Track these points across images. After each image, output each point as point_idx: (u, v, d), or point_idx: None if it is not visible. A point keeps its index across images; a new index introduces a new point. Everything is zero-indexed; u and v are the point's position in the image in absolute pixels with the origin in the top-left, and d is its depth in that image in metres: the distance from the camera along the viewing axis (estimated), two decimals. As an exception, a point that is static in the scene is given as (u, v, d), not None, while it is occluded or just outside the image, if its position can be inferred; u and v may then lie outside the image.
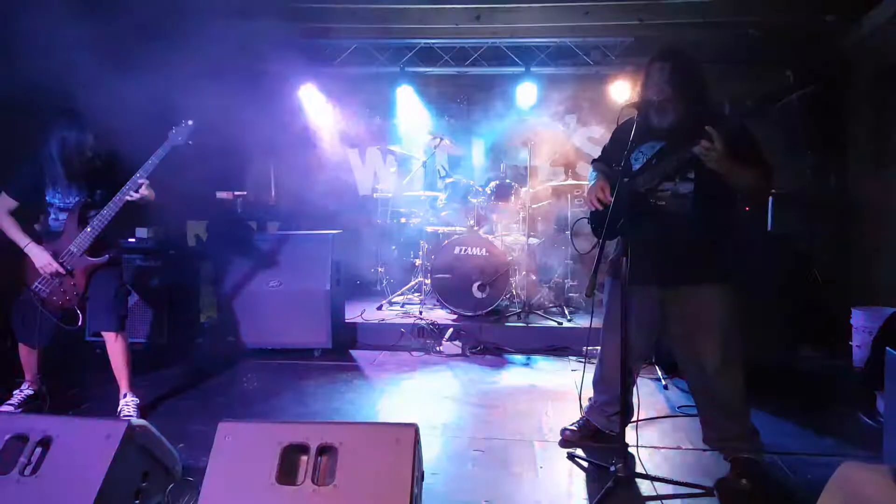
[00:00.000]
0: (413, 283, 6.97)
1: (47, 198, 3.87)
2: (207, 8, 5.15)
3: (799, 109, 6.08)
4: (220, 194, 7.54)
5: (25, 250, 3.79)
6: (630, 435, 3.10)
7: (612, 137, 3.50)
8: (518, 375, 5.07)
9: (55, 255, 3.78)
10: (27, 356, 3.98)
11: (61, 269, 3.77)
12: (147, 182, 3.78)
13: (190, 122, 3.91)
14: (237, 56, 6.22)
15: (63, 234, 3.85)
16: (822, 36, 6.38)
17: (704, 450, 3.36)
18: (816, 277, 5.30)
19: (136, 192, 3.75)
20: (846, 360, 5.15)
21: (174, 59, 5.69)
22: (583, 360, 5.08)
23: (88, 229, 3.80)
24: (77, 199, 3.88)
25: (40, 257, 3.76)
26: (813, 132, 6.58)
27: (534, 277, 6.68)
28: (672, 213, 3.08)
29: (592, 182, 3.33)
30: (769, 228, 5.77)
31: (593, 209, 3.29)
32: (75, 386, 4.51)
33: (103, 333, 3.96)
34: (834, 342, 5.31)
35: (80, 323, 3.86)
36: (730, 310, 3.07)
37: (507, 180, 6.68)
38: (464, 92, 8.11)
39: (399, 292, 6.96)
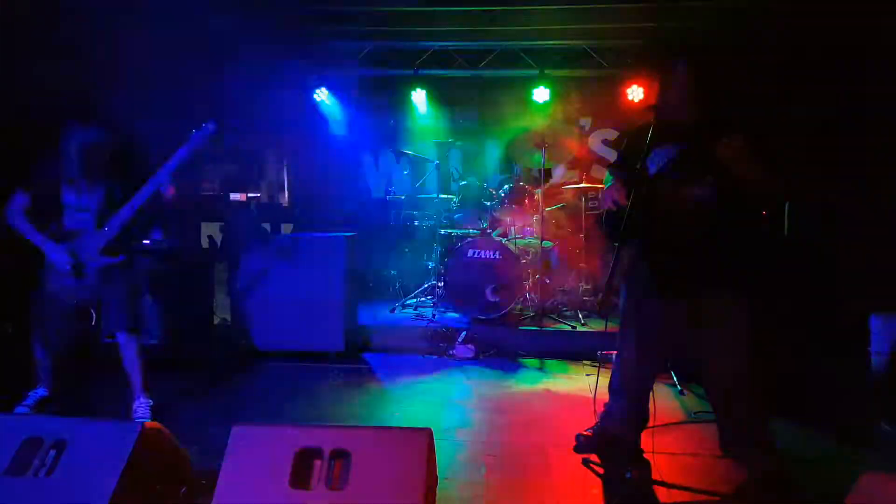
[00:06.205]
0: (426, 286, 6.95)
1: (63, 197, 3.88)
2: (220, 11, 5.17)
3: (815, 115, 6.02)
4: (234, 196, 7.57)
5: (43, 249, 3.80)
6: (646, 441, 3.07)
7: (628, 140, 3.47)
8: (532, 380, 5.03)
9: (72, 255, 3.79)
10: (42, 357, 3.98)
11: (78, 269, 3.78)
12: (167, 181, 3.80)
13: (211, 126, 3.89)
14: (251, 59, 6.25)
15: (80, 234, 3.85)
16: (840, 38, 6.31)
17: (721, 457, 3.30)
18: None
19: (157, 193, 3.76)
20: (865, 367, 5.07)
21: (191, 62, 5.72)
22: (597, 364, 5.06)
23: (106, 229, 3.81)
24: (94, 198, 3.89)
25: (58, 257, 3.77)
26: (831, 136, 6.50)
27: (548, 281, 6.64)
28: (690, 217, 3.04)
29: (608, 184, 3.29)
30: (786, 234, 5.70)
31: (608, 210, 3.25)
32: (89, 388, 4.52)
33: (117, 335, 3.96)
34: (853, 348, 5.23)
35: (93, 322, 3.87)
36: (748, 316, 3.03)
37: (521, 183, 6.65)
38: (478, 94, 8.09)
39: (412, 295, 6.94)
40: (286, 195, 8.70)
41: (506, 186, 6.61)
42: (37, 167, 3.89)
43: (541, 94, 7.51)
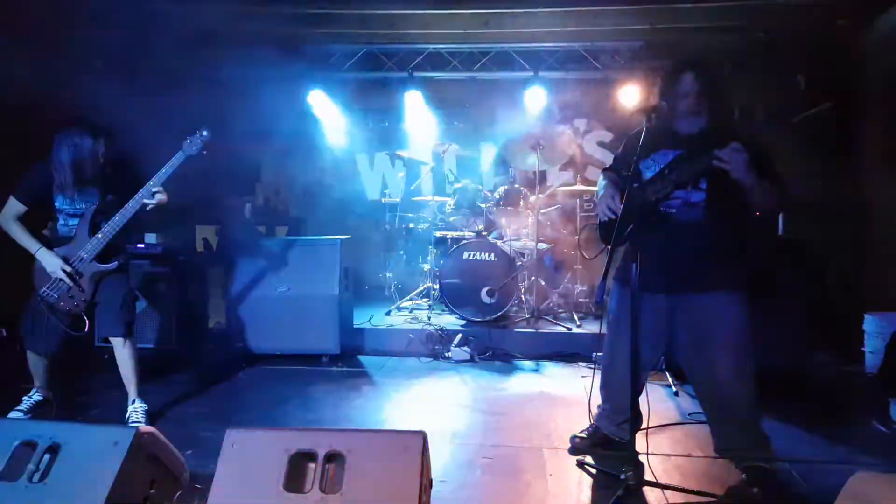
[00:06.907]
0: (421, 288, 6.96)
1: (56, 203, 3.88)
2: (214, 14, 5.17)
3: (813, 118, 6.04)
4: (230, 200, 7.56)
5: (36, 255, 3.79)
6: (640, 442, 3.08)
7: (624, 144, 3.47)
8: (527, 382, 5.04)
9: (65, 261, 3.78)
10: (36, 362, 3.97)
11: (72, 275, 3.77)
12: (161, 189, 3.79)
13: (205, 133, 3.89)
14: (246, 61, 6.25)
15: (73, 240, 3.85)
16: (834, 40, 6.34)
17: (715, 457, 3.31)
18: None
19: (150, 199, 3.76)
20: (859, 367, 5.09)
21: (185, 65, 5.71)
22: (592, 366, 5.06)
23: (100, 235, 3.80)
24: (87, 204, 3.89)
25: (51, 262, 3.76)
26: (826, 137, 6.53)
27: (543, 283, 6.65)
28: (682, 221, 3.06)
29: (602, 191, 3.29)
30: (780, 233, 5.72)
31: (604, 219, 3.25)
32: (84, 392, 4.52)
33: (111, 339, 3.96)
34: (847, 348, 5.25)
35: (86, 329, 3.86)
36: (740, 317, 3.04)
37: (516, 185, 6.67)
38: (472, 97, 8.10)
39: (407, 298, 6.95)
40: (281, 198, 8.70)
41: (501, 188, 6.63)
42: (30, 173, 3.89)
43: (535, 95, 7.52)
